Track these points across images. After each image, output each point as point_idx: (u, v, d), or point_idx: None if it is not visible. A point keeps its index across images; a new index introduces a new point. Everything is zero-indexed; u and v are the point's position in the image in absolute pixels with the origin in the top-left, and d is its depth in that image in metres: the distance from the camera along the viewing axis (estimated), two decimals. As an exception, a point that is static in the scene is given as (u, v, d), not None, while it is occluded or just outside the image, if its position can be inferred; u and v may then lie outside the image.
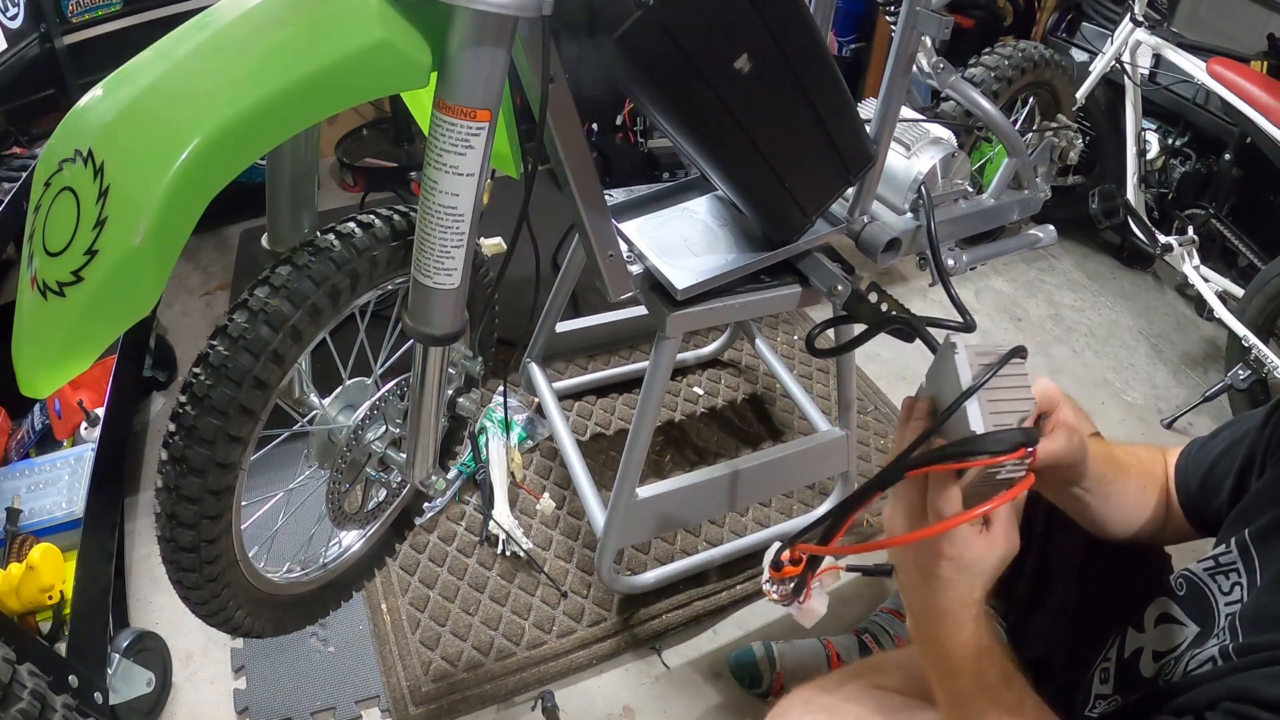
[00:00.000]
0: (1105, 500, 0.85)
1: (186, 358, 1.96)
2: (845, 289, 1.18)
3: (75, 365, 0.72)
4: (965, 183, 1.43)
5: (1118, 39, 2.18)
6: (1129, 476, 0.86)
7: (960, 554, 0.67)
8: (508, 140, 1.05)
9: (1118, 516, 0.87)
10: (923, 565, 0.69)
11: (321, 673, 1.40)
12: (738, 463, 1.48)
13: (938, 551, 0.67)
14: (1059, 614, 0.97)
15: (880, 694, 0.91)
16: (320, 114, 0.75)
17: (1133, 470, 0.87)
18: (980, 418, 0.67)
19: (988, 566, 0.68)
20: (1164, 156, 2.33)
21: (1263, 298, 1.90)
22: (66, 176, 0.72)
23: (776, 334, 2.20)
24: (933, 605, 0.70)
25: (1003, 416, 0.68)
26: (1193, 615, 0.80)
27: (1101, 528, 0.88)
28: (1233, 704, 0.63)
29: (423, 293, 0.90)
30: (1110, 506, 0.86)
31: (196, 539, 0.90)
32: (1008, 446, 0.64)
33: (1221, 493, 0.84)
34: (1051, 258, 2.72)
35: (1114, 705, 0.83)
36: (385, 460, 1.11)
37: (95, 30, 1.94)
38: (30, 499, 1.42)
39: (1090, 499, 0.84)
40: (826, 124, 1.05)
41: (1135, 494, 0.87)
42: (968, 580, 0.68)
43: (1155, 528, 0.89)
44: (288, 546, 1.26)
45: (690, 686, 1.44)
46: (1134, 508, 0.87)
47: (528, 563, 1.56)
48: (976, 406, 0.67)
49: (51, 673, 1.06)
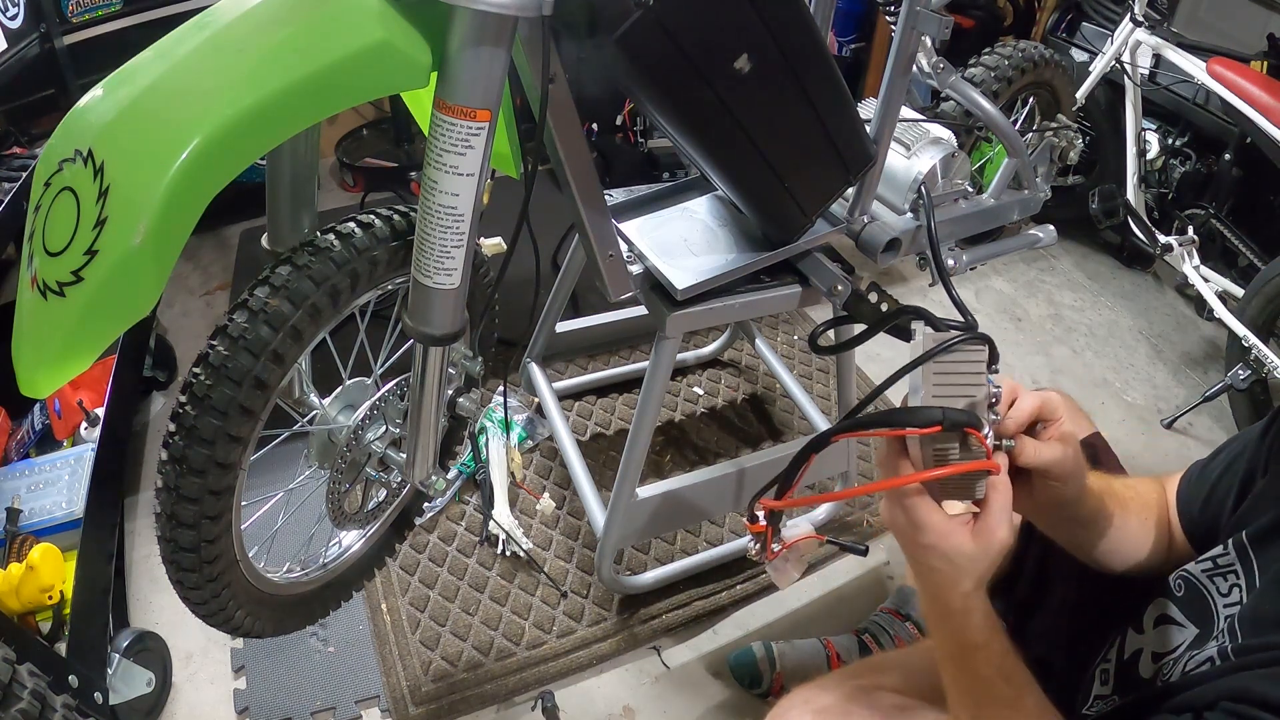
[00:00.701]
0: (1104, 535, 0.85)
1: (186, 358, 1.96)
2: (845, 289, 1.18)
3: (75, 365, 0.72)
4: (965, 183, 1.43)
5: (1118, 39, 2.18)
6: (1129, 511, 0.86)
7: (937, 543, 0.68)
8: (508, 140, 1.04)
9: (1120, 551, 0.87)
10: (909, 553, 0.71)
11: (321, 673, 1.40)
12: (738, 463, 1.48)
13: (914, 540, 0.69)
14: (1059, 614, 0.97)
15: (880, 694, 0.91)
16: (320, 114, 0.75)
17: (1132, 504, 0.87)
18: (919, 393, 0.70)
19: (974, 558, 0.68)
20: (1164, 156, 2.33)
21: (1263, 298, 1.90)
22: (66, 176, 0.72)
23: (776, 334, 2.20)
24: (925, 593, 0.72)
25: (948, 400, 0.69)
26: (1191, 617, 0.80)
27: (1103, 562, 0.88)
28: (1231, 704, 0.63)
29: (423, 293, 0.90)
30: (1110, 541, 0.85)
31: (196, 539, 0.90)
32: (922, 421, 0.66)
33: (1224, 511, 0.84)
34: (1051, 258, 2.72)
35: (1112, 706, 0.83)
36: (385, 460, 1.11)
37: (95, 30, 1.94)
38: (30, 499, 1.42)
39: (1088, 534, 0.84)
40: (826, 124, 1.06)
41: (1136, 527, 0.87)
42: (952, 570, 0.69)
43: (1159, 559, 0.89)
44: (288, 546, 1.26)
45: (690, 686, 1.44)
46: (1136, 541, 0.87)
47: (528, 563, 1.56)
48: (920, 390, 0.70)
49: (51, 673, 1.06)
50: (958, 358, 0.69)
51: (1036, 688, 0.72)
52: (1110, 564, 0.88)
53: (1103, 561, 0.88)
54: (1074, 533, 0.86)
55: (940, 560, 0.68)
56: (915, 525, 0.68)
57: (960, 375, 0.70)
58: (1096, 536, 0.85)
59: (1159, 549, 0.88)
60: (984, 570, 0.69)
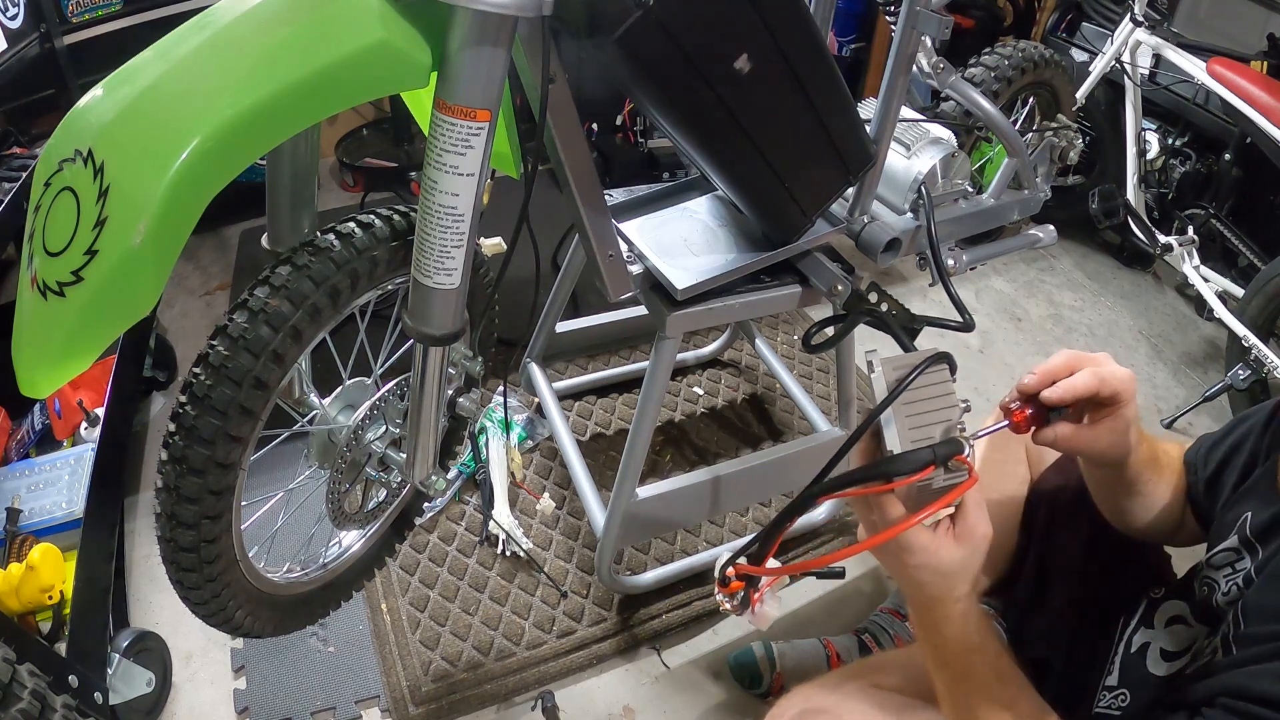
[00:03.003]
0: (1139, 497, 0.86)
1: (186, 358, 1.96)
2: (845, 289, 1.18)
3: (75, 365, 0.71)
4: (965, 183, 1.43)
5: (1118, 39, 2.18)
6: (1163, 476, 0.88)
7: (927, 561, 0.68)
8: (508, 140, 1.04)
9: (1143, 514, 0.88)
10: (899, 574, 0.71)
11: (321, 673, 1.40)
12: (738, 463, 1.48)
13: (904, 563, 0.69)
14: (1059, 614, 0.97)
15: (880, 694, 0.91)
16: (320, 114, 0.75)
17: (1166, 472, 0.88)
18: (896, 435, 0.67)
19: (964, 562, 0.69)
20: (1164, 156, 2.33)
21: (1263, 298, 1.90)
22: (66, 176, 0.72)
23: (776, 334, 2.20)
24: (918, 606, 0.72)
25: (924, 430, 0.68)
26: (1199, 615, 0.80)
27: (1123, 520, 0.89)
28: (1230, 700, 0.64)
29: (423, 293, 0.90)
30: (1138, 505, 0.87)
31: (196, 539, 0.90)
32: (913, 468, 0.65)
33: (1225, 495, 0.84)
34: (1051, 258, 2.72)
35: (1121, 699, 0.84)
36: (385, 460, 1.11)
37: (95, 30, 1.94)
38: (30, 499, 1.42)
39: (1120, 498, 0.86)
40: (827, 124, 1.05)
41: (1164, 490, 0.88)
42: (944, 581, 0.69)
43: (1172, 526, 0.90)
44: (288, 546, 1.26)
45: (690, 686, 1.44)
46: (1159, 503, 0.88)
47: (528, 563, 1.56)
48: (893, 425, 0.67)
49: (51, 673, 1.06)
50: (923, 383, 0.68)
51: (1031, 689, 0.73)
52: (1132, 524, 0.89)
53: (1129, 523, 0.89)
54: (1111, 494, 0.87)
55: (932, 575, 0.69)
56: (903, 548, 0.68)
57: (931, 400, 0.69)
58: (1129, 500, 0.86)
59: (1174, 516, 0.90)
60: (975, 570, 0.70)
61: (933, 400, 0.69)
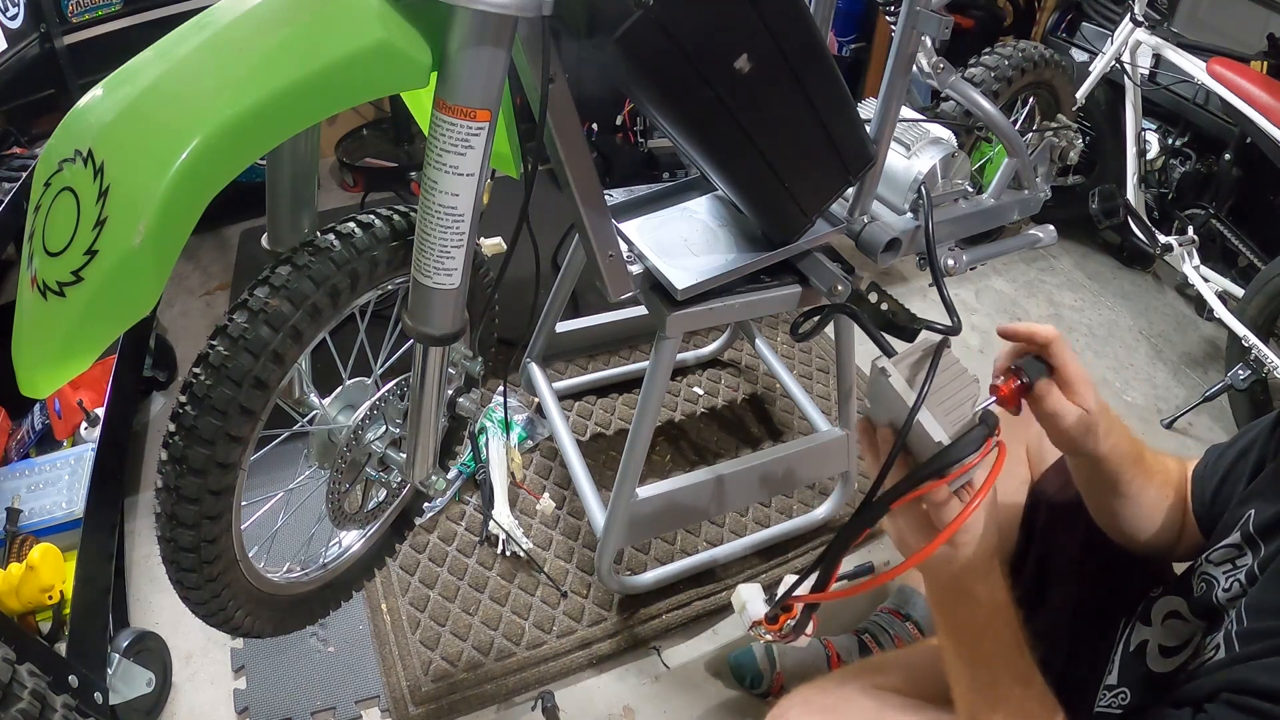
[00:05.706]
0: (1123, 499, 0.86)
1: (186, 358, 1.96)
2: (845, 289, 1.18)
3: (75, 365, 0.72)
4: (965, 183, 1.43)
5: (1118, 39, 2.18)
6: (1150, 482, 0.87)
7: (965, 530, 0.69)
8: (508, 140, 1.04)
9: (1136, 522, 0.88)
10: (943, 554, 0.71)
11: (321, 673, 1.40)
12: (738, 463, 1.48)
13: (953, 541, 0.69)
14: (1059, 613, 0.98)
15: (880, 694, 0.91)
16: (320, 114, 0.75)
17: (1155, 477, 0.88)
18: (939, 426, 0.68)
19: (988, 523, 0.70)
20: (1164, 156, 2.33)
21: (1263, 298, 1.90)
22: (66, 176, 0.72)
23: (776, 334, 2.20)
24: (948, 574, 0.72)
25: (957, 412, 0.69)
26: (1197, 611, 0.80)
27: (1121, 530, 0.89)
28: (1233, 695, 0.64)
29: (423, 293, 0.90)
30: (1128, 509, 0.87)
31: (196, 539, 0.90)
32: (976, 446, 0.66)
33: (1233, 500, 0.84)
34: (1051, 258, 2.72)
35: (1121, 697, 0.84)
36: (385, 460, 1.11)
37: (95, 30, 1.94)
38: (30, 499, 1.42)
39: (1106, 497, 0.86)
40: (826, 124, 1.06)
41: (1154, 500, 0.88)
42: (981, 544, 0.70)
43: (1170, 538, 0.90)
44: (288, 546, 1.26)
45: (690, 686, 1.44)
46: (1151, 515, 0.88)
47: (528, 563, 1.56)
48: (931, 418, 0.68)
49: (51, 673, 1.06)
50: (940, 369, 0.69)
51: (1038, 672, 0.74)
52: (1127, 533, 0.89)
53: (1120, 529, 0.89)
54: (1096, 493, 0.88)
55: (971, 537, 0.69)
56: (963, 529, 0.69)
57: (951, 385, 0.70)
58: (1114, 500, 0.86)
59: (1172, 528, 0.89)
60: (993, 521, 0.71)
61: (952, 383, 0.70)
